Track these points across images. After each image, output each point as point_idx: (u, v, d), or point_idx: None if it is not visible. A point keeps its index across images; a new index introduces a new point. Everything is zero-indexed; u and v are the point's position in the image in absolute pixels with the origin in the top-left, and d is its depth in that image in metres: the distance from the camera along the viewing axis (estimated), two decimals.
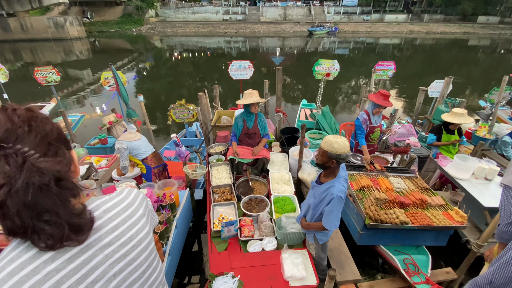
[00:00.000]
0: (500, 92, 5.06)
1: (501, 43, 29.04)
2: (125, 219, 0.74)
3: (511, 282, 1.47)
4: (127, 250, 0.72)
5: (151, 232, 0.83)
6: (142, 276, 0.76)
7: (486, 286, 1.61)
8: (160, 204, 2.57)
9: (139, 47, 26.15)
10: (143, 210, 0.82)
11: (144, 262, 0.76)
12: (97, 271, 0.66)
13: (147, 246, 0.78)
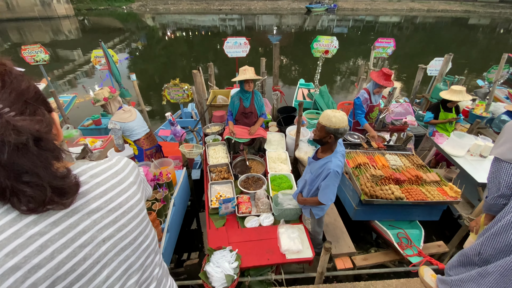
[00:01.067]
0: (499, 70, 5.00)
1: (501, 22, 28.46)
2: (114, 185, 0.73)
3: (499, 253, 1.52)
4: (116, 216, 0.70)
5: (142, 200, 0.81)
6: (134, 243, 0.75)
7: (475, 257, 1.66)
8: (157, 183, 2.57)
9: (131, 25, 25.12)
10: (134, 178, 0.80)
11: (135, 229, 0.75)
12: (84, 236, 0.64)
13: (138, 213, 0.76)
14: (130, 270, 0.75)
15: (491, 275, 1.51)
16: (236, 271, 1.96)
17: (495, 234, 1.53)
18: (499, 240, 1.50)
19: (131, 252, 0.74)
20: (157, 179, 2.56)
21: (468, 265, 1.70)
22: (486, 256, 1.58)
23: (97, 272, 0.66)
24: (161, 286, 0.88)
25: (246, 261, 2.15)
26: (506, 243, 1.46)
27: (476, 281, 1.60)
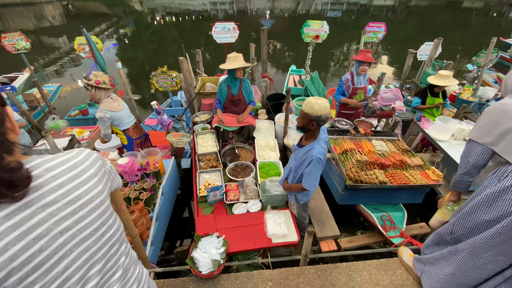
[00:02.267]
0: (488, 54, 5.02)
1: (494, 6, 28.24)
2: (71, 178, 0.73)
3: (469, 233, 1.59)
4: (74, 209, 0.71)
5: (105, 191, 0.82)
6: (95, 233, 0.76)
7: (447, 236, 1.74)
8: (144, 172, 2.57)
9: (118, 10, 24.17)
10: (95, 170, 0.81)
11: (96, 220, 0.76)
12: (39, 229, 0.65)
13: (99, 205, 0.78)
14: (91, 260, 0.77)
15: (461, 253, 1.59)
16: (223, 256, 2.01)
17: (466, 214, 1.60)
18: (469, 219, 1.56)
19: (92, 243, 0.76)
20: (144, 168, 2.56)
21: (442, 244, 1.78)
22: (457, 235, 1.65)
23: (55, 262, 0.68)
24: (128, 274, 0.90)
25: (233, 246, 2.20)
26: (475, 222, 1.52)
27: (447, 259, 1.68)
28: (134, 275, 0.93)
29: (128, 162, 2.43)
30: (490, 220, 1.45)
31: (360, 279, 1.98)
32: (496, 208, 1.43)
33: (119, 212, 1.66)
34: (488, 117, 1.52)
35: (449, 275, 1.65)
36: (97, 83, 2.78)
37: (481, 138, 1.54)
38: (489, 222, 1.47)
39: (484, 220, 1.48)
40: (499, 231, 1.41)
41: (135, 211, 2.25)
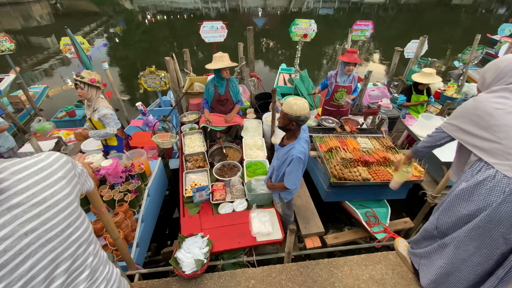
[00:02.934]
0: (472, 51, 5.11)
1: (483, 3, 28.68)
2: (38, 181, 0.75)
3: (453, 226, 1.64)
4: (40, 211, 0.74)
5: (72, 194, 0.84)
6: (61, 235, 0.79)
7: (434, 231, 1.80)
8: (128, 174, 2.57)
9: (107, 9, 23.82)
10: (63, 173, 0.83)
11: (63, 221, 0.79)
12: (4, 230, 0.67)
13: (66, 207, 0.80)
14: (57, 260, 0.79)
15: (449, 246, 1.65)
16: (206, 256, 2.03)
17: (446, 209, 1.66)
18: (449, 214, 1.62)
19: (58, 244, 0.78)
20: (129, 170, 2.56)
21: (431, 239, 1.84)
22: (442, 230, 1.71)
23: (19, 262, 0.70)
24: (96, 274, 0.93)
25: (218, 245, 2.23)
26: (456, 216, 1.58)
27: (439, 252, 1.75)
28: (102, 274, 0.96)
29: (112, 164, 2.42)
30: (468, 214, 1.50)
31: (341, 274, 2.02)
32: (472, 202, 1.47)
33: (99, 214, 1.67)
34: (459, 111, 1.55)
35: (441, 267, 1.71)
36: (93, 81, 2.74)
37: (448, 126, 1.60)
38: (467, 216, 1.51)
39: (463, 214, 1.53)
40: (477, 224, 1.45)
41: (119, 213, 2.25)
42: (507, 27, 6.94)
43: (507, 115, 1.32)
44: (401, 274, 2.04)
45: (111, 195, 2.43)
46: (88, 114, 2.90)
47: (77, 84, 2.72)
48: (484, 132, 1.39)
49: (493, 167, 1.38)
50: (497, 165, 1.36)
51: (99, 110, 2.88)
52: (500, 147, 1.34)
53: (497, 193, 1.36)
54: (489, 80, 1.47)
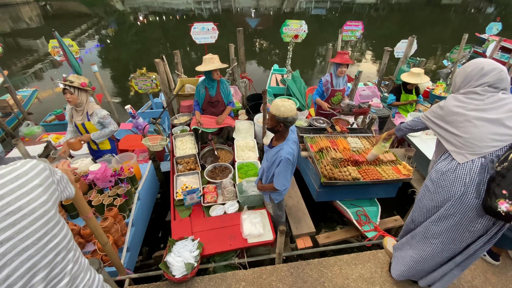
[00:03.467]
0: (460, 50, 5.21)
1: (472, 2, 29.22)
2: (13, 190, 0.75)
3: (422, 217, 1.73)
4: (15, 219, 0.73)
5: (49, 201, 0.84)
6: (38, 243, 0.78)
7: (411, 224, 1.90)
8: (118, 178, 2.54)
9: (98, 10, 23.55)
10: (40, 181, 0.82)
11: (39, 229, 0.79)
12: None
13: (42, 215, 0.80)
14: (35, 268, 0.79)
15: (417, 236, 1.75)
16: (197, 259, 2.03)
17: (419, 200, 1.76)
18: (421, 206, 1.71)
19: (35, 252, 0.78)
20: (118, 174, 2.54)
21: (409, 232, 1.90)
22: (417, 222, 1.81)
23: None
24: (77, 281, 0.92)
25: (209, 248, 2.22)
26: (426, 207, 1.66)
27: (409, 243, 1.84)
28: (83, 281, 0.95)
29: (100, 168, 2.40)
30: (436, 205, 1.59)
31: (331, 274, 2.04)
32: (437, 193, 1.56)
33: (86, 220, 1.65)
34: (432, 108, 1.70)
35: (411, 258, 1.80)
36: (83, 85, 2.68)
37: (426, 116, 1.75)
38: (435, 207, 1.60)
39: (431, 206, 1.62)
40: (443, 214, 1.53)
41: (109, 218, 2.23)
42: (494, 25, 7.08)
43: (468, 112, 1.45)
44: (389, 273, 2.07)
45: (100, 200, 2.41)
46: (79, 120, 2.85)
47: (66, 89, 2.67)
48: (450, 127, 1.52)
49: (454, 158, 1.48)
50: (455, 153, 1.47)
51: (96, 113, 2.85)
52: (460, 139, 1.46)
53: (459, 184, 1.44)
54: (458, 84, 1.59)
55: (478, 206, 1.39)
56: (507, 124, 1.36)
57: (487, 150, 1.37)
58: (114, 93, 7.95)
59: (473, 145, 1.40)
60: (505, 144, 1.35)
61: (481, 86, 1.47)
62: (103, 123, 2.85)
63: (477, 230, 1.45)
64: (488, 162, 1.37)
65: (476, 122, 1.41)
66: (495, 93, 1.44)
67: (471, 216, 1.43)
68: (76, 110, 2.84)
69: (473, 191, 1.40)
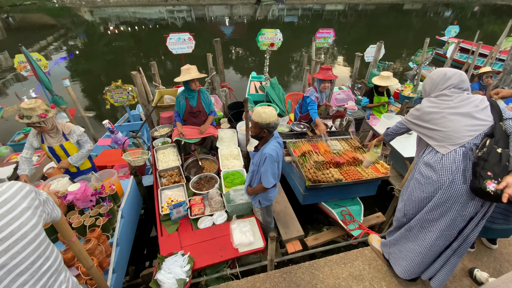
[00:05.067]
0: (423, 53, 5.62)
1: (431, 7, 31.68)
2: (2, 215, 0.73)
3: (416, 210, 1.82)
4: (8, 245, 0.72)
5: (39, 224, 0.83)
6: (31, 267, 0.77)
7: (403, 219, 1.97)
8: (99, 197, 2.44)
9: (65, 21, 22.54)
10: (28, 203, 0.81)
11: (33, 253, 0.77)
12: None
13: (34, 239, 0.78)
14: None
15: (414, 228, 1.85)
16: (188, 274, 1.99)
17: (409, 194, 1.85)
18: (413, 199, 1.81)
19: (29, 276, 0.76)
20: (99, 192, 2.44)
21: (400, 227, 2.01)
22: (409, 216, 1.90)
23: None
24: None
25: (200, 261, 2.19)
26: (419, 200, 1.77)
27: (405, 236, 1.93)
28: None
29: (80, 188, 2.29)
30: (427, 196, 1.71)
31: (322, 275, 2.09)
32: (428, 184, 1.68)
33: (69, 244, 1.57)
34: (411, 111, 1.87)
35: (413, 250, 1.88)
36: (44, 116, 2.44)
37: (406, 119, 1.91)
38: (427, 198, 1.72)
39: (423, 197, 1.73)
40: (436, 203, 1.65)
41: (92, 239, 2.13)
42: (452, 28, 7.70)
43: (443, 110, 1.63)
44: (377, 268, 2.16)
45: (81, 221, 2.29)
46: (54, 142, 2.70)
47: (33, 126, 2.49)
48: (429, 125, 1.69)
49: (438, 151, 1.63)
50: (437, 147, 1.63)
51: (74, 130, 2.72)
52: (440, 134, 1.63)
53: (447, 173, 1.58)
54: (428, 90, 1.80)
55: (467, 191, 1.54)
56: (477, 116, 1.55)
57: (465, 139, 1.54)
58: (87, 107, 7.62)
59: (453, 137, 1.57)
60: (479, 133, 1.54)
61: (447, 89, 1.68)
62: (80, 142, 2.73)
63: (468, 213, 1.59)
64: (468, 151, 1.53)
65: (451, 117, 1.59)
66: (461, 93, 1.65)
67: (461, 201, 1.57)
68: (49, 134, 2.69)
69: (460, 177, 1.54)
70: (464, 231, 1.67)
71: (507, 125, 1.52)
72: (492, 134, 1.50)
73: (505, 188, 1.33)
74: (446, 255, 1.78)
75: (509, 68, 5.06)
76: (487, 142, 1.46)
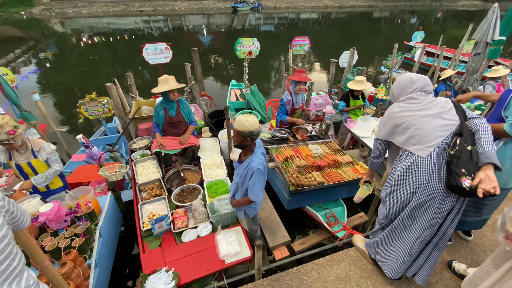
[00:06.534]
0: (393, 58, 5.94)
1: (398, 14, 33.75)
2: None
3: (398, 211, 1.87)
4: None
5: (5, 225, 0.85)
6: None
7: (386, 220, 2.02)
8: (74, 216, 2.31)
9: (34, 33, 21.53)
10: None
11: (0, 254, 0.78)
12: None
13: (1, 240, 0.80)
14: None
15: (398, 228, 1.90)
16: None
17: (390, 196, 1.90)
18: (394, 201, 1.86)
19: None
20: (74, 211, 2.30)
21: (384, 227, 2.06)
22: (392, 217, 1.96)
23: None
24: None
25: (185, 277, 2.12)
26: (399, 201, 1.82)
27: (390, 236, 1.98)
28: None
29: (53, 208, 2.16)
30: (407, 197, 1.76)
31: (310, 280, 2.09)
32: (407, 185, 1.74)
33: (42, 269, 1.47)
34: (383, 120, 1.93)
35: (399, 249, 1.93)
36: (13, 133, 2.32)
37: (379, 135, 1.95)
38: (407, 198, 1.77)
39: (404, 198, 1.78)
40: (416, 203, 1.71)
41: (67, 263, 2.00)
42: (418, 34, 8.20)
43: (414, 112, 1.71)
44: (362, 268, 2.20)
45: (55, 244, 2.15)
46: (22, 159, 2.54)
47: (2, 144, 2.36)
48: (402, 129, 1.76)
49: (414, 154, 1.69)
50: (415, 151, 1.68)
51: (44, 148, 2.57)
52: (415, 137, 1.69)
53: (423, 174, 1.65)
54: (396, 94, 1.89)
55: (443, 189, 1.61)
56: (445, 117, 1.64)
57: (438, 140, 1.62)
58: (60, 122, 7.25)
59: (427, 138, 1.64)
60: (449, 133, 1.62)
61: (414, 92, 1.78)
62: (48, 161, 2.58)
63: (445, 209, 1.66)
64: (442, 150, 1.61)
65: (423, 119, 1.67)
66: (427, 96, 1.75)
67: (438, 199, 1.64)
68: (18, 150, 2.53)
69: (436, 177, 1.61)
70: (442, 226, 1.74)
71: (472, 124, 1.62)
72: (460, 133, 1.60)
73: (479, 184, 1.41)
74: (428, 251, 1.85)
75: (471, 69, 5.48)
76: (458, 141, 1.55)
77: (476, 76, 5.53)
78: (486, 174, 1.42)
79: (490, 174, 1.42)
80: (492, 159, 1.44)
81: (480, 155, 1.49)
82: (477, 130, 1.59)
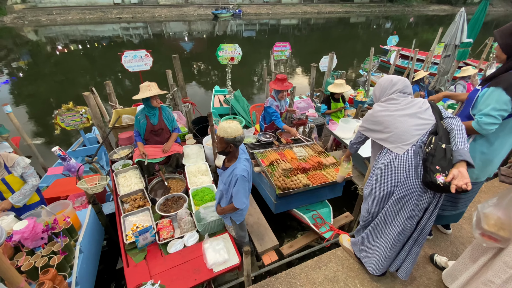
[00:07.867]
0: (370, 61, 6.18)
1: (373, 19, 35.24)
2: None
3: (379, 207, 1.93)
4: None
5: None
6: None
7: (368, 217, 2.07)
8: (52, 233, 2.19)
9: (6, 42, 20.49)
10: None
11: None
12: None
13: None
14: None
15: (379, 225, 1.95)
16: None
17: (371, 194, 1.96)
18: (375, 198, 1.92)
19: None
20: (52, 228, 2.19)
21: (367, 225, 2.11)
22: (374, 214, 2.01)
23: None
24: None
25: None
26: (380, 198, 1.88)
27: (373, 233, 2.03)
28: None
29: (28, 225, 2.04)
30: (387, 194, 1.82)
31: (299, 283, 2.10)
32: (386, 183, 1.80)
33: None
34: (366, 117, 2.01)
35: (381, 246, 1.98)
36: None
37: (361, 129, 2.05)
38: (387, 195, 1.83)
39: (384, 195, 1.84)
40: (395, 199, 1.77)
41: (46, 282, 1.89)
42: (393, 38, 8.57)
43: (393, 112, 1.80)
44: (349, 267, 2.24)
45: (31, 263, 2.02)
46: None
47: None
48: (382, 128, 1.84)
49: (392, 151, 1.76)
50: (393, 148, 1.76)
51: (18, 162, 2.45)
52: (393, 136, 1.77)
53: (401, 171, 1.72)
54: (378, 95, 1.98)
55: (420, 185, 1.67)
56: (421, 116, 1.73)
57: (414, 138, 1.70)
58: (35, 134, 6.91)
59: (404, 137, 1.72)
60: (425, 132, 1.70)
61: (394, 93, 1.87)
62: (24, 175, 2.46)
63: (423, 205, 1.73)
64: (418, 148, 1.69)
65: (400, 118, 1.75)
66: (406, 97, 1.85)
67: (416, 195, 1.70)
68: None
69: (413, 174, 1.68)
70: (421, 221, 1.81)
71: (447, 123, 1.72)
72: (435, 131, 1.68)
73: (452, 180, 1.49)
74: (408, 246, 1.91)
75: (443, 70, 5.80)
76: (433, 139, 1.62)
77: (447, 76, 5.86)
78: (459, 171, 1.50)
79: (462, 171, 1.49)
80: (465, 156, 1.52)
81: (454, 152, 1.58)
82: (452, 129, 1.68)
